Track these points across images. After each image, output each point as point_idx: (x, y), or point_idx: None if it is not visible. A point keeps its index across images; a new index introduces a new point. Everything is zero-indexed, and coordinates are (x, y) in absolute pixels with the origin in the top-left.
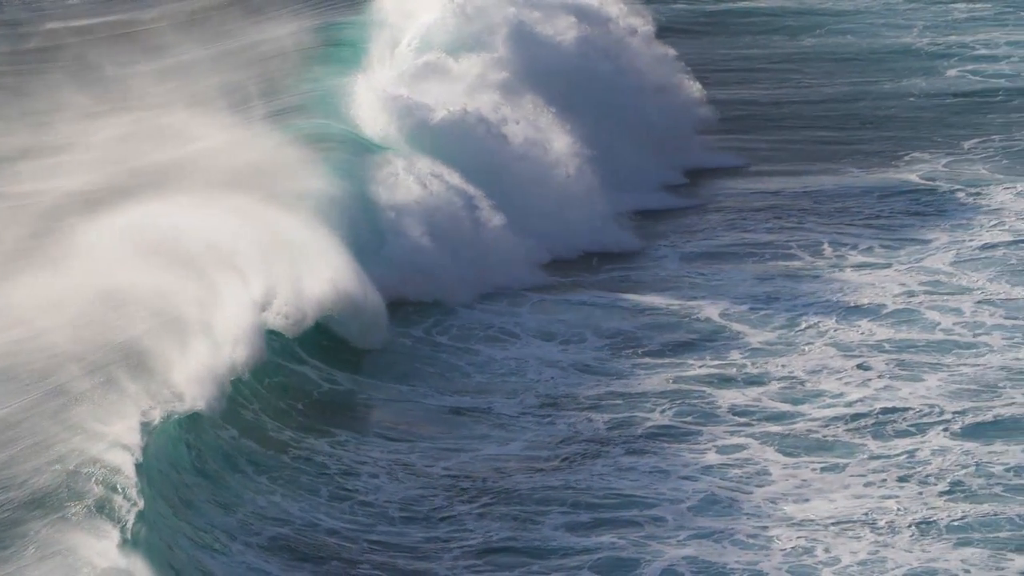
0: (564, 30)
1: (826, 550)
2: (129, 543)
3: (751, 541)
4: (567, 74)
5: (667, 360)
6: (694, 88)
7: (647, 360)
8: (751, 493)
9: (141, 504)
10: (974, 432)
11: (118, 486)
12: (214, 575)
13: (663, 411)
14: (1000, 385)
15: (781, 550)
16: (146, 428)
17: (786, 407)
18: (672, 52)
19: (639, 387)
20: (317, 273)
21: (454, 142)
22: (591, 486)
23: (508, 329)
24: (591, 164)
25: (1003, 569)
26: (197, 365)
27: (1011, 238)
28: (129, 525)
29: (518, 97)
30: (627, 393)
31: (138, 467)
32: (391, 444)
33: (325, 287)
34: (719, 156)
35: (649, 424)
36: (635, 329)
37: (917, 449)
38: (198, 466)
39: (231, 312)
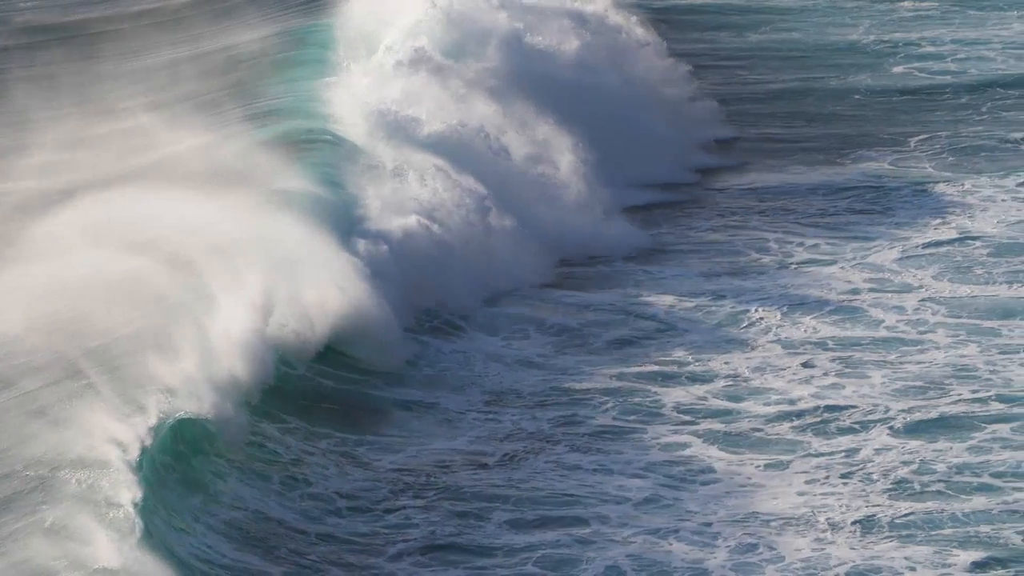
0: (555, 35)
1: (770, 547)
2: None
3: (695, 539)
4: (548, 77)
5: (611, 357)
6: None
7: (591, 357)
8: (695, 491)
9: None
10: (918, 430)
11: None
12: (176, 554)
13: (607, 409)
14: (944, 383)
15: (725, 547)
16: (144, 427)
17: (730, 405)
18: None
19: (583, 384)
20: (322, 283)
21: (448, 154)
22: (535, 483)
23: (453, 322)
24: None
25: (948, 565)
26: (194, 370)
27: (956, 235)
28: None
29: (506, 104)
30: (571, 390)
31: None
32: (340, 435)
33: (334, 299)
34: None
35: (593, 422)
36: (580, 326)
37: (861, 447)
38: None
39: (230, 320)
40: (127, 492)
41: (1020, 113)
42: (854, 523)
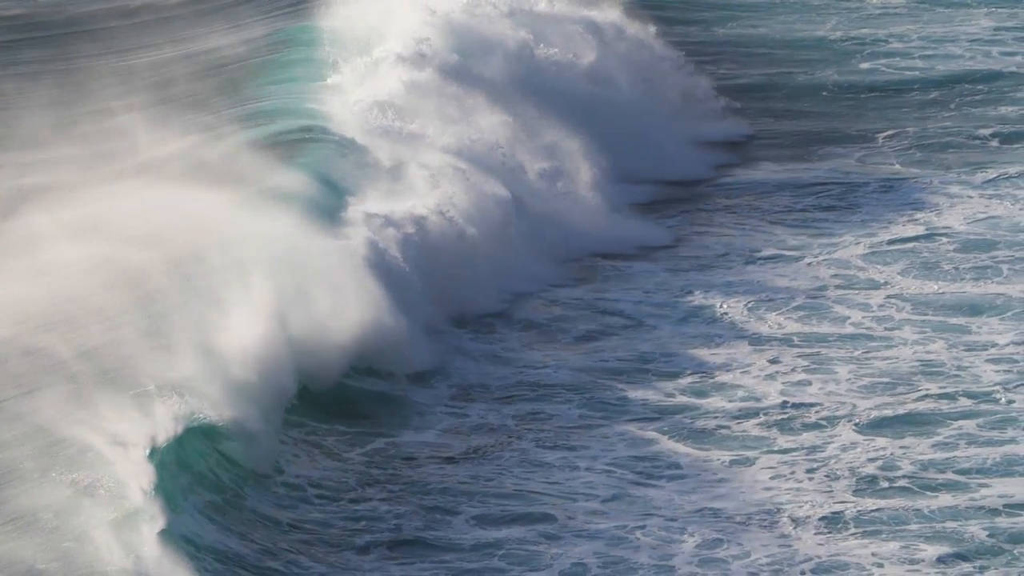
0: (558, 45)
1: (736, 543)
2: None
3: (661, 534)
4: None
5: (578, 352)
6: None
7: (558, 352)
8: (661, 486)
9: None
10: (883, 426)
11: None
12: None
13: (574, 404)
14: (911, 379)
15: (691, 543)
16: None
17: (696, 401)
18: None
19: (550, 379)
20: (334, 288)
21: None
22: (502, 479)
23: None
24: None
25: (914, 561)
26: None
27: (923, 232)
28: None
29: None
30: (538, 385)
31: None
32: (312, 424)
33: (351, 308)
34: None
35: (560, 417)
36: (547, 321)
37: (827, 443)
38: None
39: (242, 328)
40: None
41: (988, 109)
42: (820, 519)
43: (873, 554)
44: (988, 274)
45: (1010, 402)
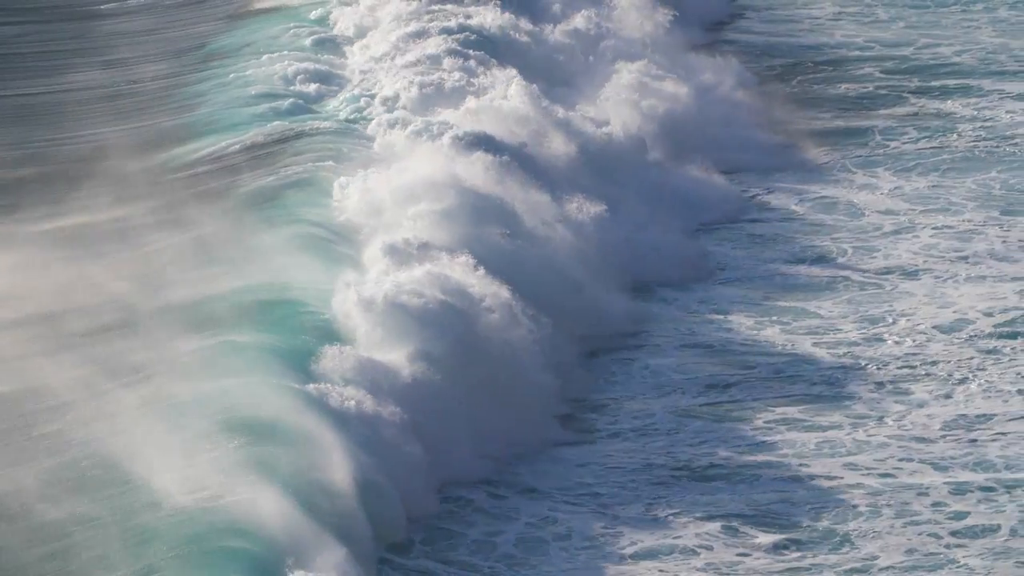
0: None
1: (562, 524)
2: None
3: (488, 511)
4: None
5: None
6: None
7: None
8: None
9: None
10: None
11: None
12: None
13: None
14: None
15: (519, 522)
16: None
17: None
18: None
19: None
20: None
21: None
22: None
23: None
24: None
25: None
26: None
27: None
28: None
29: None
30: None
31: None
32: None
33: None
34: None
35: None
36: None
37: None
38: None
39: None
40: None
41: (827, 88)
42: (645, 503)
43: (697, 535)
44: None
45: None
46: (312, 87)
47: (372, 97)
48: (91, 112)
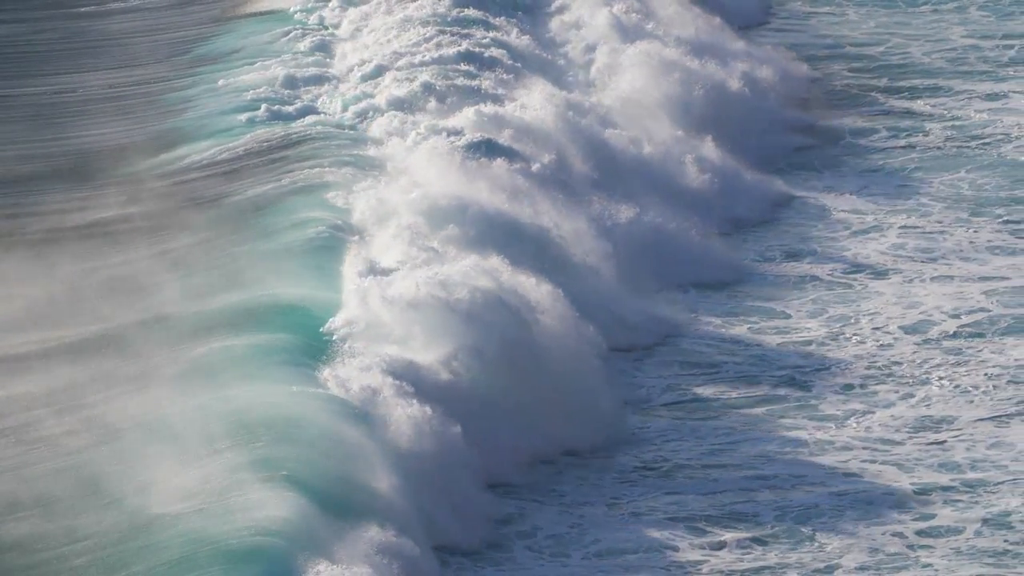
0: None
1: (526, 518)
2: None
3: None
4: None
5: None
6: None
7: None
8: None
9: None
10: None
11: None
12: None
13: None
14: None
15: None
16: None
17: None
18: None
19: None
20: None
21: None
22: None
23: None
24: None
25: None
26: None
27: None
28: None
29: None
30: None
31: None
32: None
33: None
34: None
35: None
36: None
37: None
38: None
39: None
40: None
41: None
42: (607, 503)
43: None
44: None
45: None
46: (311, 88)
47: (372, 98)
48: (91, 112)
